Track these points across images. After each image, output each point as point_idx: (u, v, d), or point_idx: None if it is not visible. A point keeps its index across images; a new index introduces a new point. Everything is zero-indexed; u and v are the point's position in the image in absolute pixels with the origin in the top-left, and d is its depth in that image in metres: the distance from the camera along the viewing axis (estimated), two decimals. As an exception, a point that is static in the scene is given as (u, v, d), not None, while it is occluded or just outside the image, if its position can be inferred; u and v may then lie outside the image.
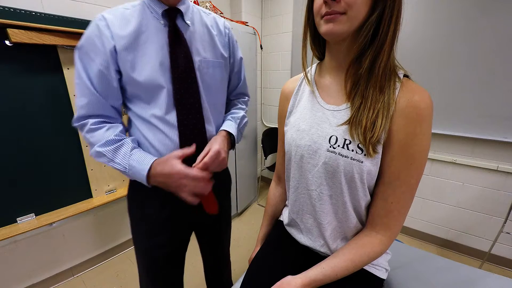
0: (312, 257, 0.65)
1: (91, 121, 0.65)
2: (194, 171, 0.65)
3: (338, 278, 0.54)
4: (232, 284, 1.09)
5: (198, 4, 1.67)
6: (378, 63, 0.48)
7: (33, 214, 1.31)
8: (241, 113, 0.90)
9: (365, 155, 0.50)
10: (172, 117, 0.69)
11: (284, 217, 0.75)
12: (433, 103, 0.49)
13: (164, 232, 0.78)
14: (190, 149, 0.68)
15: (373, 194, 0.56)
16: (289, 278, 0.54)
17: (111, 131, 0.66)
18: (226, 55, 0.80)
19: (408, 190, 0.51)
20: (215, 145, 0.74)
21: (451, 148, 1.68)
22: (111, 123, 0.69)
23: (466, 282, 0.77)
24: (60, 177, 1.37)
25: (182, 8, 0.70)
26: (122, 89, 0.69)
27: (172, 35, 0.68)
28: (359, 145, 0.50)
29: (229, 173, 0.98)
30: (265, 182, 2.90)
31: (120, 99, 0.70)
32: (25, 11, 1.13)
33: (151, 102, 0.69)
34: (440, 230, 1.84)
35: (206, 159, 0.69)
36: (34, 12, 1.16)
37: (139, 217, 0.79)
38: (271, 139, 2.40)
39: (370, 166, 0.50)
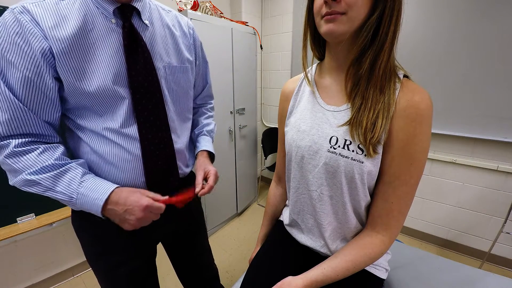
0: (312, 258, 0.65)
1: (14, 142, 0.51)
2: (162, 205, 0.59)
3: (339, 278, 0.54)
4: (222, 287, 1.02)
5: (198, 4, 1.67)
6: (378, 64, 0.48)
7: (33, 214, 1.31)
8: (212, 124, 0.88)
9: (365, 155, 0.50)
10: (132, 130, 0.60)
11: (285, 217, 0.76)
12: (433, 103, 0.49)
13: (124, 250, 0.68)
14: (160, 199, 0.59)
15: (373, 194, 0.56)
16: (289, 278, 0.54)
17: (48, 155, 0.54)
18: (191, 58, 0.73)
19: (408, 190, 0.51)
20: (210, 167, 0.72)
21: (451, 148, 1.68)
22: (46, 142, 0.56)
23: (466, 282, 0.77)
24: (60, 177, 1.37)
25: (137, 5, 0.60)
26: (62, 100, 0.57)
27: (128, 38, 0.58)
28: (360, 145, 0.50)
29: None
30: (265, 182, 2.90)
31: (58, 112, 0.56)
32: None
33: (104, 114, 0.58)
34: (440, 230, 1.84)
35: (211, 182, 0.68)
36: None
37: (93, 237, 0.67)
38: (271, 139, 2.40)
39: (370, 166, 0.51)
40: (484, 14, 1.38)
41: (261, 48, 2.51)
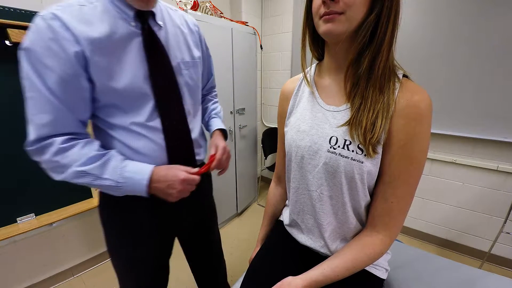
0: (312, 258, 0.65)
1: (58, 140, 0.55)
2: (196, 176, 0.66)
3: (339, 278, 0.54)
4: (228, 286, 1.08)
5: (198, 4, 1.67)
6: (377, 63, 0.48)
7: (33, 214, 1.31)
8: (219, 107, 0.95)
9: (365, 155, 0.50)
10: (156, 123, 0.66)
11: (285, 217, 0.76)
12: (433, 103, 0.49)
13: (150, 241, 0.74)
14: (193, 171, 0.67)
15: (373, 194, 0.56)
16: (289, 278, 0.54)
17: (89, 148, 0.59)
18: (199, 53, 0.79)
19: (408, 190, 0.51)
20: (220, 143, 0.78)
21: (451, 148, 1.68)
22: (81, 139, 0.60)
23: (466, 282, 0.77)
24: (60, 177, 1.37)
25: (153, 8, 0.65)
26: (93, 99, 0.61)
27: (148, 40, 0.63)
28: (359, 145, 0.50)
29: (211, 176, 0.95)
30: (265, 182, 2.90)
31: (89, 111, 0.61)
32: (25, 11, 1.14)
33: (130, 111, 0.63)
34: (440, 230, 1.84)
35: (218, 155, 0.74)
36: (34, 12, 1.16)
37: (121, 228, 0.72)
38: (271, 139, 2.40)
39: (370, 166, 0.51)
40: (484, 13, 1.38)
41: (261, 48, 2.51)
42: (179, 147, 0.71)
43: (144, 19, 0.63)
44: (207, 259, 0.97)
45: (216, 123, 0.87)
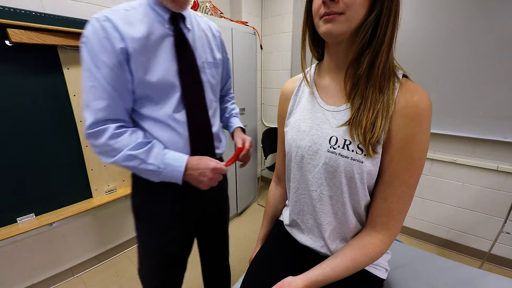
0: (312, 258, 0.65)
1: (112, 125, 0.64)
2: (225, 167, 0.74)
3: (339, 278, 0.54)
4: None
5: (198, 4, 1.68)
6: (377, 64, 0.48)
7: (33, 214, 1.31)
8: (237, 108, 1.05)
9: (365, 155, 0.50)
10: (182, 115, 0.73)
11: (285, 218, 0.76)
12: (433, 103, 0.49)
13: (174, 229, 0.81)
14: (222, 164, 0.74)
15: (372, 194, 0.56)
16: (289, 278, 0.54)
17: (136, 135, 0.68)
18: (220, 56, 0.87)
19: (407, 190, 0.51)
20: (246, 136, 0.91)
21: (451, 148, 1.68)
22: (128, 127, 0.69)
23: (466, 282, 0.77)
24: (60, 177, 1.38)
25: (184, 13, 0.74)
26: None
27: (179, 40, 0.72)
28: (359, 145, 0.50)
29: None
30: (265, 182, 2.90)
31: (131, 102, 0.70)
32: (25, 11, 1.13)
33: (160, 102, 0.71)
34: (440, 230, 1.84)
35: (247, 145, 0.86)
36: (34, 12, 1.16)
37: (148, 215, 0.80)
38: (271, 139, 2.40)
39: (370, 166, 0.51)
40: (484, 13, 1.38)
41: (261, 48, 2.51)
42: (200, 139, 0.78)
43: (176, 22, 0.72)
44: (219, 255, 1.08)
45: (236, 122, 0.98)
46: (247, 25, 2.10)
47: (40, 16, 1.18)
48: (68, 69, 1.31)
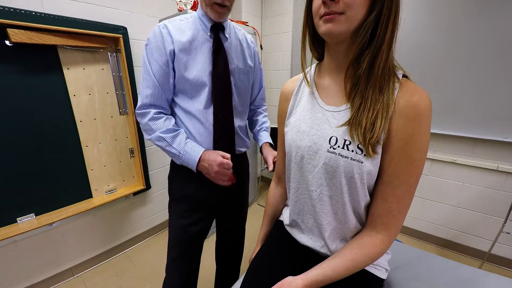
0: (312, 258, 0.65)
1: (153, 111, 0.81)
2: (229, 162, 0.83)
3: (339, 278, 0.54)
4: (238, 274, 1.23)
5: (197, 4, 1.68)
6: (377, 64, 0.48)
7: (33, 214, 1.31)
8: (268, 121, 1.15)
9: (365, 155, 0.50)
10: (210, 111, 0.86)
11: (285, 218, 0.76)
12: (433, 103, 0.49)
13: (200, 211, 0.94)
14: (227, 155, 0.84)
15: (372, 194, 0.56)
16: (289, 278, 0.54)
17: (169, 122, 0.83)
18: (252, 64, 0.97)
19: (407, 190, 0.51)
20: (275, 152, 0.98)
21: (451, 148, 1.68)
22: (165, 114, 0.85)
23: (466, 282, 0.77)
24: (60, 177, 1.38)
25: (224, 24, 0.87)
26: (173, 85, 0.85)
27: (216, 45, 0.84)
28: (359, 145, 0.50)
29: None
30: (265, 182, 2.90)
31: (172, 94, 0.85)
32: (25, 11, 1.13)
33: (194, 97, 0.85)
34: (440, 230, 1.84)
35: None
36: (34, 12, 1.16)
37: (180, 197, 0.94)
38: (272, 139, 2.39)
39: (370, 166, 0.51)
40: (484, 14, 1.38)
41: (261, 48, 2.51)
42: (223, 134, 0.88)
43: (217, 31, 0.85)
44: (234, 243, 1.19)
45: (265, 137, 1.08)
46: (247, 25, 2.10)
47: (40, 16, 1.18)
48: (68, 69, 1.31)
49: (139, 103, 0.82)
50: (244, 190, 1.12)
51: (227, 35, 0.88)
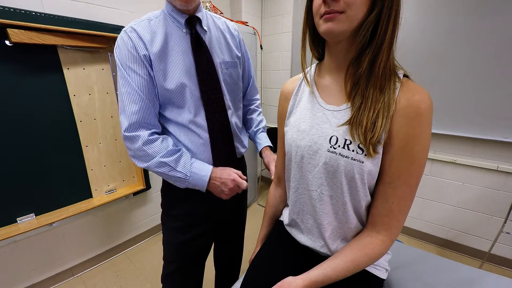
0: (312, 258, 0.65)
1: (145, 132, 0.69)
2: (244, 182, 0.77)
3: (339, 279, 0.54)
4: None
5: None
6: (377, 63, 0.48)
7: (33, 214, 1.31)
8: (264, 120, 1.05)
9: (365, 155, 0.50)
10: (202, 118, 0.76)
11: (285, 217, 0.75)
12: (433, 103, 0.49)
13: (198, 228, 0.86)
14: (240, 174, 0.78)
15: (373, 194, 0.56)
16: (290, 279, 0.54)
17: (166, 142, 0.72)
18: (239, 54, 0.88)
19: (408, 190, 0.51)
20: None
21: (451, 148, 1.68)
22: (158, 133, 0.73)
23: (466, 282, 0.77)
24: (60, 177, 1.38)
25: (199, 15, 0.76)
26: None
27: (195, 41, 0.74)
28: (360, 145, 0.50)
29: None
30: (265, 182, 2.90)
31: (158, 107, 0.74)
32: (25, 11, 1.13)
33: (182, 105, 0.74)
34: (440, 230, 1.84)
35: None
36: (34, 12, 1.16)
37: (176, 214, 0.84)
38: (271, 139, 2.38)
39: (370, 166, 0.50)
40: (484, 13, 1.38)
41: (261, 48, 2.51)
42: (220, 140, 0.80)
43: (192, 25, 0.75)
44: (233, 256, 1.14)
45: (265, 139, 0.99)
46: (247, 25, 2.10)
47: (40, 16, 1.17)
48: (68, 69, 1.31)
49: (125, 124, 0.68)
50: (244, 199, 1.05)
51: (205, 28, 0.78)
